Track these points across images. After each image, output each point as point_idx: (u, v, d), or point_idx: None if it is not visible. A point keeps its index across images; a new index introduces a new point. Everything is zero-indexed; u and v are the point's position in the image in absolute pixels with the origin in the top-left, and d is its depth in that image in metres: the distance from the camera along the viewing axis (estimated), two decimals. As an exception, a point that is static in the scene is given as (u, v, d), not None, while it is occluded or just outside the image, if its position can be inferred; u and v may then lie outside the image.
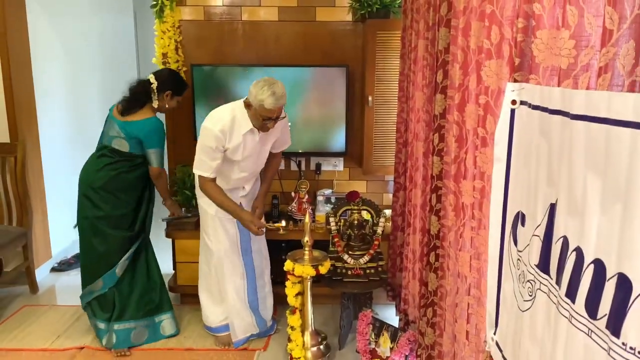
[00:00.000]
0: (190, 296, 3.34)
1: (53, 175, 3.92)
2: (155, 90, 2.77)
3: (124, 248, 2.82)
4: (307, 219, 2.64)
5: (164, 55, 3.33)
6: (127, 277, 2.86)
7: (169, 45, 3.31)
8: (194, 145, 3.34)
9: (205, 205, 2.73)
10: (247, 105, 2.51)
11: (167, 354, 2.79)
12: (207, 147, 2.51)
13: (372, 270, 2.84)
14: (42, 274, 3.79)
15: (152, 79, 2.78)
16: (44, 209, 3.81)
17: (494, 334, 1.40)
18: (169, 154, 3.53)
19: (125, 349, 2.79)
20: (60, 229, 3.99)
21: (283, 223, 2.71)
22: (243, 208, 2.74)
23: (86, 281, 2.86)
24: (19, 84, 3.55)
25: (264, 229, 2.70)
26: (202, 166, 2.55)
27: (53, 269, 3.94)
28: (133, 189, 2.83)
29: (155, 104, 2.79)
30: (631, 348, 0.77)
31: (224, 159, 2.59)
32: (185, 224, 3.24)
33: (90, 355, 2.76)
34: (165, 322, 2.96)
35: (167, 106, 2.84)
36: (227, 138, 2.52)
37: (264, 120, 2.50)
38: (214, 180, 2.59)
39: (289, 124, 2.88)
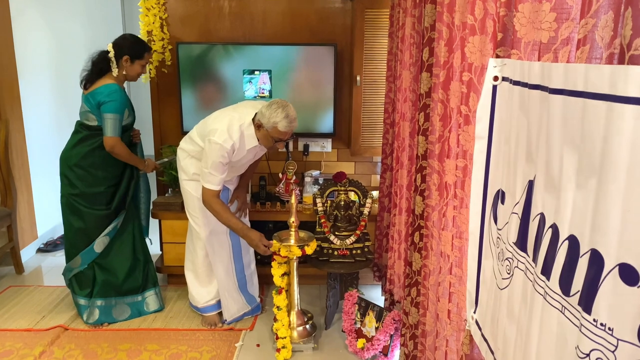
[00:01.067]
0: (177, 276, 3.34)
1: (38, 156, 3.87)
2: (114, 59, 2.69)
3: (102, 225, 2.81)
4: (292, 200, 2.63)
5: (149, 32, 3.27)
6: (112, 254, 2.87)
7: (153, 23, 3.24)
8: (180, 126, 3.34)
9: (190, 188, 2.71)
10: (258, 126, 2.51)
11: (154, 334, 2.79)
12: (219, 162, 2.49)
13: (359, 251, 2.84)
14: (28, 254, 3.76)
15: (109, 47, 2.71)
16: (28, 190, 3.76)
17: (474, 312, 1.40)
18: (155, 134, 3.49)
19: (104, 324, 2.86)
20: (46, 209, 3.96)
21: (292, 241, 2.64)
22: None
23: (68, 258, 2.88)
24: (1, 63, 3.47)
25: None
26: (213, 180, 2.52)
27: (39, 250, 3.91)
28: (110, 165, 2.78)
29: (114, 72, 2.71)
30: (602, 324, 0.77)
31: None
32: (172, 205, 3.21)
33: (74, 336, 2.75)
34: (150, 299, 3.00)
35: (129, 73, 2.74)
36: (235, 152, 2.55)
37: (275, 141, 2.52)
38: (219, 194, 2.58)
39: None
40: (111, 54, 2.69)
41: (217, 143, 2.45)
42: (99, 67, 2.71)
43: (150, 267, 3.02)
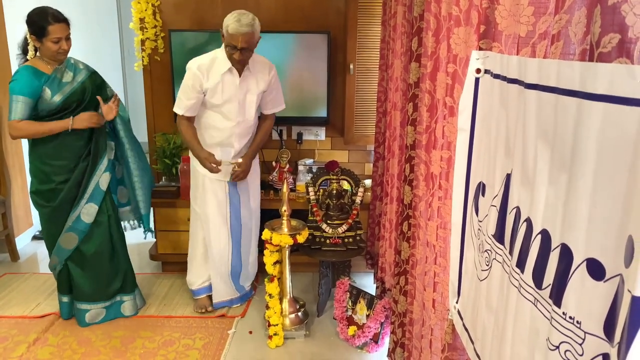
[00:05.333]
0: (171, 264, 3.37)
1: (32, 143, 3.86)
2: (30, 39, 2.46)
3: (56, 222, 2.61)
4: (284, 189, 2.64)
5: (142, 20, 3.25)
6: (86, 258, 2.67)
7: (146, 10, 3.22)
8: (173, 113, 3.32)
9: (197, 165, 2.75)
10: (222, 36, 2.55)
11: (147, 321, 2.82)
12: (185, 85, 2.59)
13: (351, 239, 2.86)
14: (23, 242, 3.78)
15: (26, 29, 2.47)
16: (23, 177, 3.77)
17: (457, 302, 1.42)
18: (149, 122, 3.48)
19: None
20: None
21: (240, 160, 2.71)
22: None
23: (49, 256, 2.73)
24: (-7, 48, 3.46)
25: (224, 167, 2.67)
26: (179, 104, 2.64)
27: (34, 237, 3.93)
28: (56, 159, 2.55)
29: (29, 55, 2.49)
30: (570, 317, 0.78)
31: (206, 103, 2.67)
32: (166, 193, 3.22)
33: (69, 323, 2.78)
34: (127, 303, 2.84)
35: (43, 53, 2.47)
36: (204, 76, 2.58)
37: (230, 50, 2.53)
38: (189, 119, 2.68)
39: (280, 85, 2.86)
40: (28, 36, 2.47)
41: (187, 66, 2.60)
42: (22, 51, 2.54)
43: (129, 272, 2.85)
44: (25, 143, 3.76)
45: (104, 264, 2.72)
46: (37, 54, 2.52)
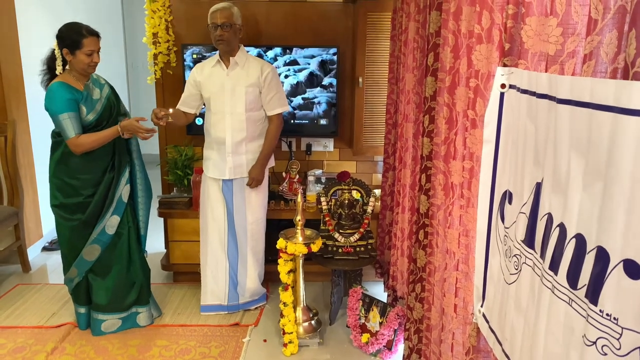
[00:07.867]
0: (183, 274, 3.41)
1: (43, 155, 3.90)
2: (59, 55, 2.49)
3: (82, 235, 2.65)
4: (299, 199, 2.70)
5: (155, 35, 3.32)
6: (106, 269, 2.72)
7: (159, 25, 3.30)
8: (185, 126, 3.39)
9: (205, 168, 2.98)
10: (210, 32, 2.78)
11: (162, 330, 2.85)
12: (188, 81, 2.91)
13: (362, 248, 2.92)
14: (33, 253, 3.81)
15: (54, 44, 2.51)
16: (34, 189, 3.81)
17: (481, 306, 1.48)
18: (160, 135, 3.54)
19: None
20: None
21: (170, 111, 2.63)
22: (229, 165, 2.85)
23: (65, 269, 2.75)
24: (7, 63, 3.52)
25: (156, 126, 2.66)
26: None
27: (44, 248, 3.96)
28: (85, 173, 2.59)
29: (58, 70, 2.52)
30: (607, 314, 0.84)
31: (205, 102, 2.89)
32: (177, 204, 3.27)
33: (85, 333, 2.81)
34: (142, 315, 2.87)
35: (74, 66, 2.50)
36: (199, 71, 2.86)
37: (213, 31, 2.72)
38: (185, 113, 2.94)
39: (281, 84, 2.94)
40: (56, 51, 2.49)
41: None
42: (47, 67, 2.57)
43: (145, 284, 2.86)
44: (37, 155, 3.81)
45: (121, 275, 2.76)
46: (68, 67, 2.54)
